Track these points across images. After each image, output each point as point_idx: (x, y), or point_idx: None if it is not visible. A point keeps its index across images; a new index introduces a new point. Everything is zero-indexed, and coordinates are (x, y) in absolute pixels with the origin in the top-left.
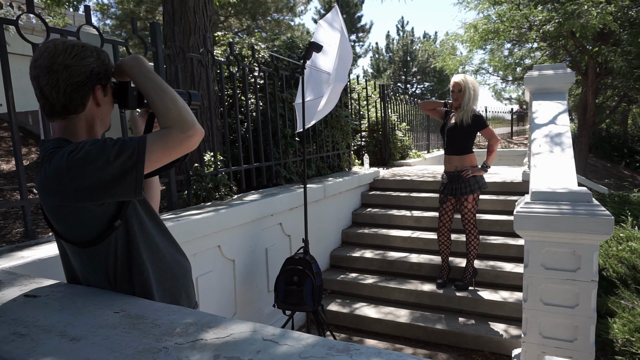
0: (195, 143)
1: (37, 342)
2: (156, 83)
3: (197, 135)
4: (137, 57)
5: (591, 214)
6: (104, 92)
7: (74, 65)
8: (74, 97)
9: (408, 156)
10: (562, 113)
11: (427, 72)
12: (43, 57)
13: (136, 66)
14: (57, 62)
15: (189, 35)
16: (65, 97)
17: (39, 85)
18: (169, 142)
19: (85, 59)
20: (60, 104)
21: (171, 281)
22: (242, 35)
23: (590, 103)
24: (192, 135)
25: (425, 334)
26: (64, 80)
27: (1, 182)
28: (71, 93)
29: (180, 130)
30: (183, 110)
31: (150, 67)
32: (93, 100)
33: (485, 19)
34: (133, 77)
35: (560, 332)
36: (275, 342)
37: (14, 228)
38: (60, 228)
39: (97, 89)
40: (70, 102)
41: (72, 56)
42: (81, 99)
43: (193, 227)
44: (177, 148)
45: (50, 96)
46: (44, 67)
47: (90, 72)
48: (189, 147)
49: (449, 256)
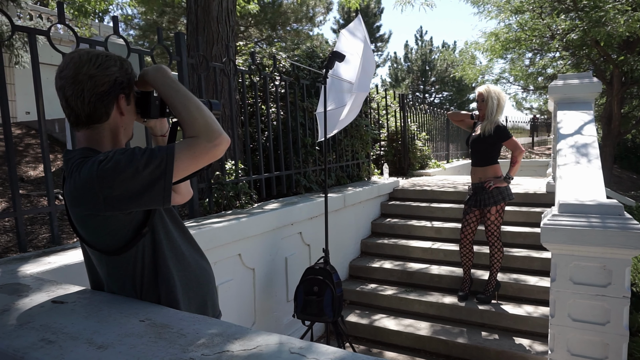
0: (222, 151)
1: (65, 349)
2: (180, 92)
3: (224, 144)
4: (159, 67)
5: (623, 227)
6: (127, 102)
7: (98, 75)
8: (98, 107)
9: (427, 166)
10: (588, 123)
11: (446, 81)
12: (68, 67)
13: (159, 76)
14: (81, 72)
15: (212, 44)
16: (90, 106)
17: (64, 95)
18: (196, 151)
19: (109, 69)
20: (85, 114)
21: (197, 289)
22: (262, 44)
23: (615, 113)
24: (218, 144)
25: (446, 348)
26: (89, 90)
27: (28, 188)
28: (95, 103)
29: (207, 140)
30: (209, 119)
31: (174, 77)
32: (117, 109)
33: (506, 28)
34: (156, 87)
35: (589, 349)
36: (303, 355)
37: (40, 233)
38: (87, 236)
39: (121, 98)
40: (94, 112)
41: (97, 66)
42: (105, 109)
43: (214, 235)
44: (205, 157)
45: (75, 106)
46: (69, 77)
47: (114, 81)
48: (216, 156)
49: (471, 268)
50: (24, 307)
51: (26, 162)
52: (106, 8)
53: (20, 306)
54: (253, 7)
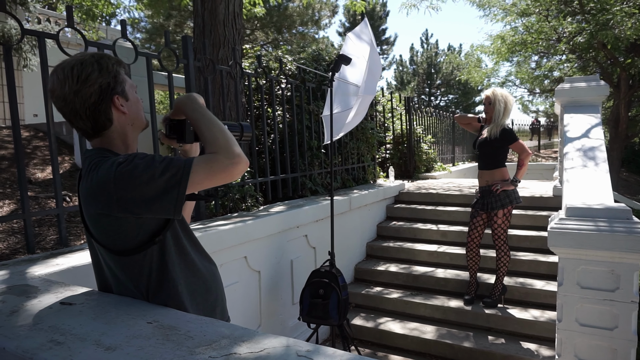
0: (240, 172)
1: (73, 350)
2: (206, 117)
3: (242, 164)
4: (190, 96)
5: (630, 231)
6: (124, 97)
7: (81, 90)
8: (97, 117)
9: (433, 169)
10: (596, 126)
11: (452, 84)
12: (54, 87)
13: (189, 103)
14: (65, 91)
15: (218, 47)
16: (90, 120)
17: (65, 115)
18: (213, 167)
19: (88, 79)
20: (89, 127)
21: (205, 296)
22: (268, 47)
23: (622, 116)
24: (237, 163)
25: (452, 352)
26: (81, 106)
27: (36, 190)
28: (93, 114)
29: (226, 157)
30: (230, 140)
31: (202, 103)
32: (116, 111)
33: (513, 31)
34: (187, 114)
35: (597, 355)
36: (310, 358)
37: (48, 235)
38: (98, 235)
39: (116, 98)
40: (96, 122)
41: (76, 80)
42: (105, 115)
43: (220, 238)
44: (221, 173)
45: (77, 124)
46: (60, 99)
47: (99, 89)
48: (233, 175)
49: (477, 272)
50: (33, 309)
51: (34, 164)
52: (113, 11)
53: (28, 307)
54: (259, 10)
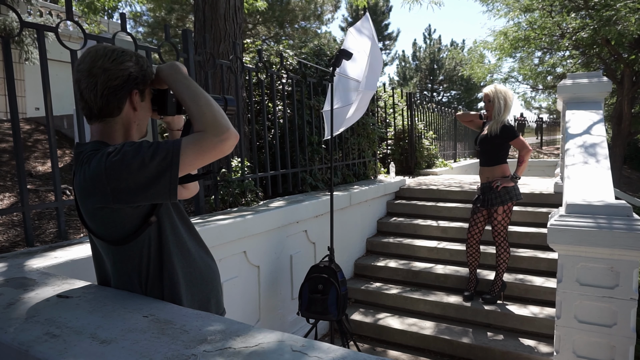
0: (230, 147)
1: (69, 343)
2: (190, 88)
3: (232, 139)
4: (172, 64)
5: (630, 228)
6: (141, 97)
7: (112, 69)
8: (111, 100)
9: (434, 165)
10: (598, 123)
11: (454, 80)
12: (85, 61)
13: (172, 73)
14: (96, 65)
15: (219, 42)
16: (103, 100)
17: (79, 88)
18: (203, 146)
19: (123, 64)
20: (98, 107)
21: (201, 286)
22: (270, 42)
23: (625, 113)
24: (226, 139)
25: (451, 348)
26: (102, 84)
27: (36, 183)
28: (108, 96)
29: (214, 134)
30: (217, 114)
31: (186, 73)
32: (130, 104)
33: (516, 27)
34: (169, 84)
35: (595, 351)
36: (305, 353)
37: (47, 228)
38: (96, 228)
39: (134, 93)
40: (107, 105)
41: (112, 60)
42: (118, 103)
43: (220, 233)
44: (211, 152)
45: (88, 99)
46: (85, 70)
47: (127, 76)
48: (223, 151)
49: (477, 268)
50: (30, 301)
51: (35, 157)
52: (115, 5)
53: (26, 300)
54: (261, 4)
